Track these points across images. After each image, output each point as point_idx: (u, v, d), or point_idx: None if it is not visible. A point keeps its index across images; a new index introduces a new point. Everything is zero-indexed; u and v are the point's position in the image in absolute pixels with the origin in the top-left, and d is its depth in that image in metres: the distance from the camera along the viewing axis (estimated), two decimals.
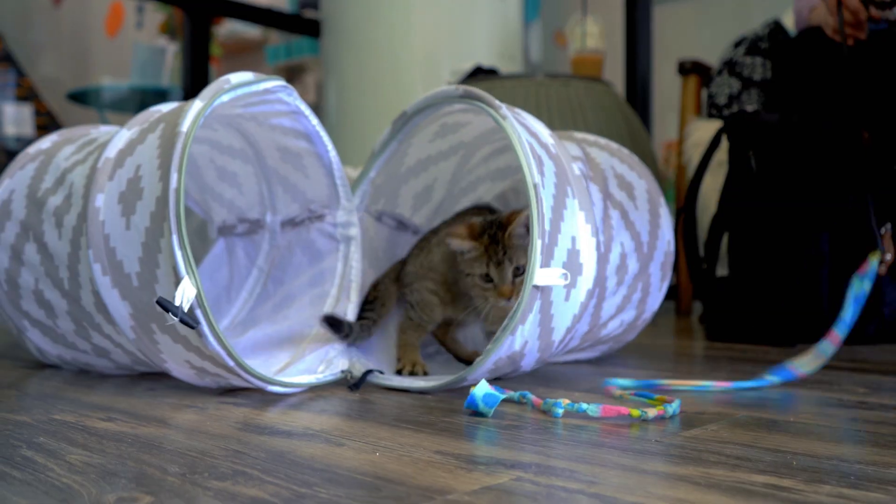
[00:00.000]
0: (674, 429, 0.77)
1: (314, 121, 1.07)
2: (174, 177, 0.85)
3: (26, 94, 4.67)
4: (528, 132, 0.96)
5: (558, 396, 0.94)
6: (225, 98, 0.94)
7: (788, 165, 1.55)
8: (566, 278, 0.90)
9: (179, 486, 0.57)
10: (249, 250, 1.29)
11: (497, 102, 0.95)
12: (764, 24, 2.03)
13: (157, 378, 1.07)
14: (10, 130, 4.46)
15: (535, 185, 0.90)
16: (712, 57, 2.31)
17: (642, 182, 1.21)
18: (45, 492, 0.56)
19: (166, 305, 0.82)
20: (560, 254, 0.93)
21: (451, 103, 1.03)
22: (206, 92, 0.92)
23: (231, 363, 0.88)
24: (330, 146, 1.10)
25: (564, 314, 0.96)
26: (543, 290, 0.90)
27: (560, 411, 0.81)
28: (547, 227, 0.91)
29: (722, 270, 1.73)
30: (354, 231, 1.16)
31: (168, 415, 0.83)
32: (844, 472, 0.61)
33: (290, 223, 1.22)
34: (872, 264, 0.99)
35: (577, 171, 1.03)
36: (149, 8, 4.56)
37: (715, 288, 1.61)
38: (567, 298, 0.95)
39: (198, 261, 1.27)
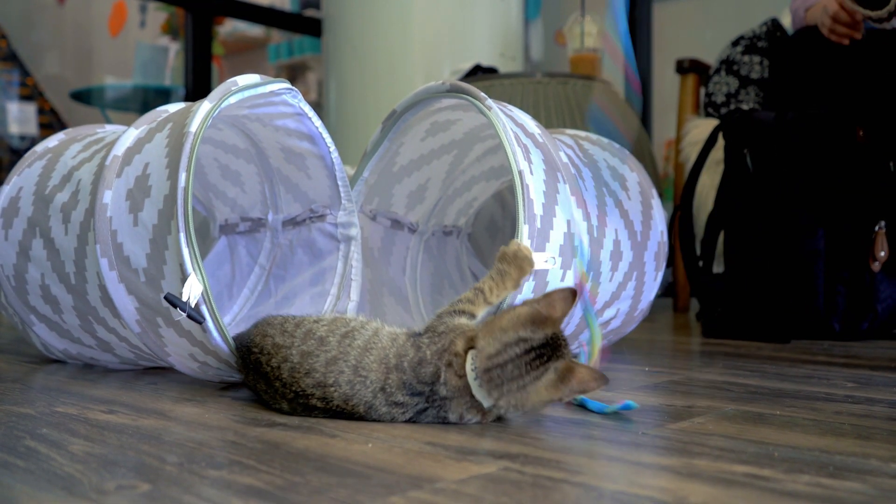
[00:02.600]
0: (661, 421, 0.79)
1: (317, 123, 1.09)
2: (182, 176, 0.87)
3: (30, 92, 4.70)
4: (513, 122, 0.98)
5: None
6: (232, 100, 0.96)
7: (784, 163, 1.56)
8: (554, 262, 0.93)
9: (177, 474, 0.59)
10: (251, 248, 1.31)
11: (482, 95, 0.97)
12: (762, 23, 2.05)
13: (159, 373, 1.09)
14: (15, 129, 4.49)
15: (520, 172, 0.92)
16: (712, 56, 2.32)
17: (634, 175, 1.23)
18: (48, 480, 0.58)
19: (174, 301, 0.84)
20: (556, 237, 0.95)
21: (439, 99, 1.05)
22: (215, 93, 0.94)
23: (234, 359, 0.89)
24: (332, 147, 1.12)
25: None
26: (537, 273, 0.92)
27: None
28: (539, 212, 0.93)
29: (718, 268, 1.74)
30: (355, 231, 1.18)
31: (168, 408, 0.85)
32: (824, 462, 0.63)
33: (292, 222, 1.24)
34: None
35: (564, 159, 1.05)
36: (151, 7, 4.58)
37: (711, 285, 1.63)
38: (562, 279, 0.98)
39: (201, 258, 1.28)
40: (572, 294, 0.77)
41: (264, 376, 0.82)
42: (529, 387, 0.73)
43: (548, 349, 0.73)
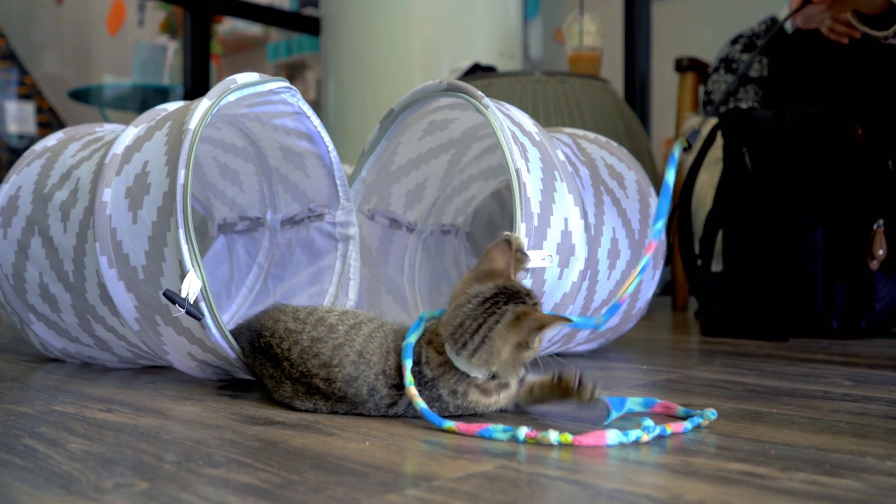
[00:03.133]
0: (658, 419, 0.79)
1: (316, 122, 1.09)
2: (181, 173, 0.87)
3: (29, 91, 4.70)
4: (510, 121, 0.98)
5: None
6: (231, 98, 0.96)
7: (782, 162, 1.56)
8: (550, 260, 0.93)
9: (175, 472, 0.59)
10: (250, 247, 1.31)
11: (479, 93, 0.97)
12: (761, 21, 2.05)
13: (158, 371, 1.09)
14: (13, 128, 4.49)
15: (517, 171, 0.92)
16: (711, 54, 2.33)
17: (632, 173, 1.24)
18: (46, 478, 0.58)
19: (173, 297, 0.84)
20: (553, 235, 0.96)
21: (437, 97, 1.05)
22: (213, 91, 0.94)
23: (232, 355, 0.90)
24: (331, 147, 1.12)
25: (555, 293, 0.98)
26: (535, 272, 0.92)
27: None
28: (537, 210, 0.93)
29: (717, 266, 1.74)
30: (353, 230, 1.18)
31: (167, 406, 0.85)
32: (820, 460, 0.63)
33: (290, 221, 1.24)
34: (674, 149, 0.95)
35: (562, 157, 1.05)
36: (150, 6, 4.58)
37: (709, 283, 1.63)
38: (560, 277, 0.98)
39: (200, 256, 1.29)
40: (507, 243, 0.79)
41: (273, 358, 0.83)
42: (493, 333, 0.73)
43: (502, 296, 0.75)
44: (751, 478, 0.58)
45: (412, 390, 0.75)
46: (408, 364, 0.76)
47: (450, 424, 0.72)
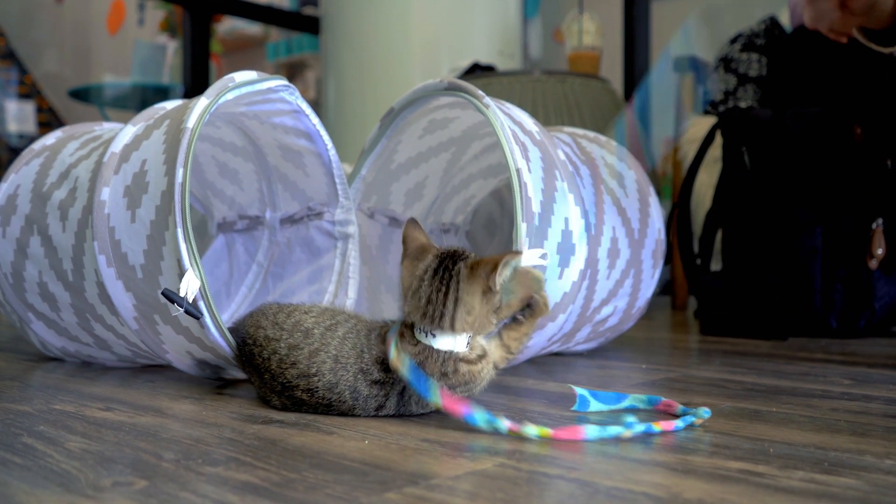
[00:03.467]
0: (657, 418, 0.78)
1: (315, 120, 1.09)
2: (179, 171, 0.87)
3: (28, 91, 4.70)
4: (511, 120, 0.98)
5: (549, 388, 0.96)
6: (229, 96, 0.96)
7: (781, 161, 1.56)
8: (546, 258, 0.93)
9: (174, 471, 0.59)
10: (249, 246, 1.31)
11: (480, 93, 0.97)
12: (760, 20, 2.05)
13: (157, 370, 1.09)
14: (13, 127, 4.49)
15: (517, 170, 0.92)
16: (711, 54, 2.33)
17: (631, 172, 1.24)
18: (45, 476, 0.58)
19: (171, 296, 0.84)
20: (554, 234, 0.96)
21: (437, 96, 1.05)
22: (212, 90, 0.94)
23: (231, 354, 0.90)
24: (330, 145, 1.12)
25: (556, 293, 0.98)
26: None
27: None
28: (537, 209, 0.93)
29: (716, 266, 1.74)
30: (352, 229, 1.18)
31: (166, 405, 0.85)
32: (819, 458, 0.63)
33: (290, 220, 1.24)
34: None
35: (562, 157, 1.05)
36: (150, 5, 4.58)
37: (709, 283, 1.63)
38: (560, 277, 0.98)
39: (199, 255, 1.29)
40: (414, 221, 0.82)
41: (256, 368, 0.83)
42: (460, 293, 0.75)
43: (447, 259, 0.77)
44: (749, 476, 0.58)
45: (395, 362, 0.75)
46: (394, 339, 0.76)
47: (437, 399, 0.72)
